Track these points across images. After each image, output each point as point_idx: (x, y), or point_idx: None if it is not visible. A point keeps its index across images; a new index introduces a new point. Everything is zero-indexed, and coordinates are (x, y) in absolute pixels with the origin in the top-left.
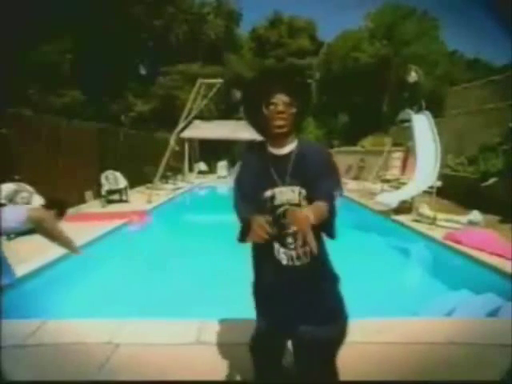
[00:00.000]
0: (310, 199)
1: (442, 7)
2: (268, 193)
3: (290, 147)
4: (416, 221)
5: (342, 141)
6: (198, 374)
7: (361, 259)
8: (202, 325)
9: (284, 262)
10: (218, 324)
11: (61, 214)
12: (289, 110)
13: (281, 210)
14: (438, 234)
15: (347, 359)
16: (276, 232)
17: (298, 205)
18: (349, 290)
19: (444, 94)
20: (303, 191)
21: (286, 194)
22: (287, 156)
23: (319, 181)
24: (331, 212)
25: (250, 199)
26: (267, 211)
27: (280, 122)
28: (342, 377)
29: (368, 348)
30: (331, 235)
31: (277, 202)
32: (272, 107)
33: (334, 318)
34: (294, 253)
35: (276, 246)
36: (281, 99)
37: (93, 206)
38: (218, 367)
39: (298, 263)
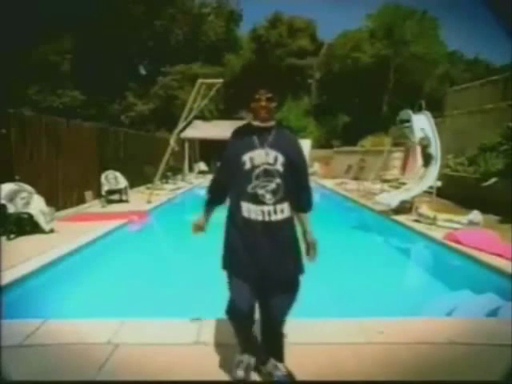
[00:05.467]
0: (289, 165)
1: (442, 7)
2: (248, 154)
3: (271, 123)
4: (416, 221)
5: (342, 141)
6: (198, 374)
7: (361, 259)
8: (202, 325)
9: (260, 217)
10: (218, 324)
11: None
12: (270, 104)
13: (261, 168)
14: (438, 234)
15: (348, 359)
16: (253, 191)
17: (273, 164)
18: (349, 290)
19: (444, 93)
20: (280, 157)
21: (266, 155)
22: (269, 128)
23: (300, 181)
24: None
25: (229, 167)
26: (247, 171)
27: (265, 115)
28: (343, 377)
29: (368, 348)
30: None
31: (256, 161)
32: (257, 102)
33: (295, 270)
34: (270, 208)
35: (246, 205)
36: (264, 95)
37: (93, 206)
38: (217, 367)
39: (273, 218)
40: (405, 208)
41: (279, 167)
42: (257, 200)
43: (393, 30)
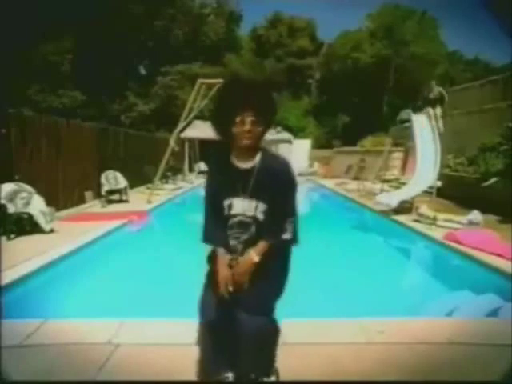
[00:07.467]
0: (268, 213)
1: (442, 7)
2: (227, 201)
3: (253, 162)
4: (416, 221)
5: (342, 141)
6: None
7: (361, 259)
8: None
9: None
10: None
11: None
12: (256, 128)
13: (236, 219)
14: (438, 233)
15: (348, 359)
16: (226, 238)
17: (254, 217)
18: (349, 290)
19: None
20: (260, 205)
21: (244, 205)
22: (250, 170)
23: (276, 208)
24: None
25: (215, 209)
26: (224, 219)
27: (247, 142)
28: (343, 377)
29: (368, 348)
30: (294, 243)
31: (233, 211)
32: (239, 126)
33: (264, 310)
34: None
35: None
36: (248, 118)
37: (93, 206)
38: None
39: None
40: (405, 208)
41: (259, 215)
42: (228, 249)
43: (393, 30)
